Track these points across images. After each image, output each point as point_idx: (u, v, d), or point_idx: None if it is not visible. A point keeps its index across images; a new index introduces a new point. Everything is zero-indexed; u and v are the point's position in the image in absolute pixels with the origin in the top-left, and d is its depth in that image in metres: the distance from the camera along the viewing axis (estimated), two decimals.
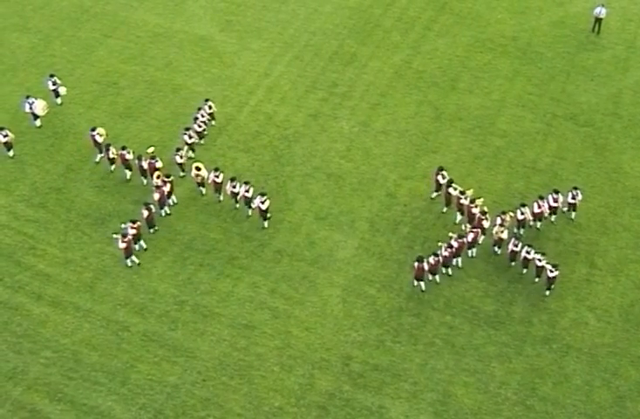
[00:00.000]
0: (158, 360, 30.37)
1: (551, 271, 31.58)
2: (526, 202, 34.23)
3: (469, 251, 33.78)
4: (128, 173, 36.37)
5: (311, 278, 33.19)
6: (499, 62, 43.82)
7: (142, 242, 33.60)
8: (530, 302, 32.44)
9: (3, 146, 37.21)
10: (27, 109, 38.16)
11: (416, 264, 31.74)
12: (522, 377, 30.24)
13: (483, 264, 33.81)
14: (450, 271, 33.09)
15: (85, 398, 29.22)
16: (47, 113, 38.59)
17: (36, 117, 38.55)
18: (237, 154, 38.13)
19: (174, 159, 36.10)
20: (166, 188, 34.65)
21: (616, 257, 34.24)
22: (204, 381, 29.87)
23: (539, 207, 33.87)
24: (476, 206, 33.65)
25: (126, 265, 33.07)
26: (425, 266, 31.70)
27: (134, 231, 32.84)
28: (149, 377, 29.85)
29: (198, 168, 35.15)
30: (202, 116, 37.96)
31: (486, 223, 33.45)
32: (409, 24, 46.16)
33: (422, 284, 32.50)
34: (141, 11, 46.40)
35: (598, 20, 45.05)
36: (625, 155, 38.76)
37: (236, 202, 35.18)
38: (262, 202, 33.77)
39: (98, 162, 37.19)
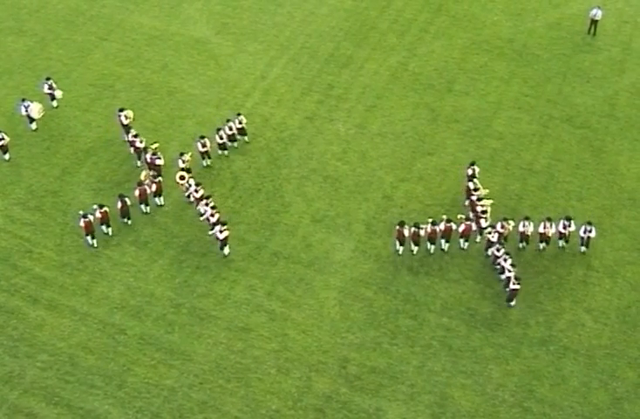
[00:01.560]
0: (154, 363, 30.31)
1: (513, 283, 31.49)
2: (529, 216, 33.95)
3: (460, 242, 33.98)
4: (138, 161, 37.07)
5: (308, 281, 33.15)
6: (495, 64, 43.83)
7: (109, 229, 34.04)
8: (527, 304, 32.42)
9: None
10: (23, 112, 38.11)
11: (397, 227, 32.93)
12: (519, 379, 30.22)
13: (479, 266, 33.79)
14: (432, 249, 33.63)
15: (81, 402, 29.15)
16: (43, 116, 38.51)
17: (32, 120, 38.49)
18: (233, 156, 38.09)
19: (177, 163, 36.01)
20: (153, 189, 34.74)
21: (612, 259, 34.23)
22: (201, 384, 29.81)
23: (544, 227, 33.55)
24: (482, 205, 33.93)
25: (87, 243, 33.61)
26: (406, 232, 32.82)
27: (99, 216, 33.32)
28: (146, 380, 29.79)
29: (182, 178, 35.11)
30: (230, 129, 37.46)
31: (483, 223, 33.66)
32: (405, 26, 46.18)
33: (401, 248, 33.48)
34: (137, 14, 46.37)
35: (594, 22, 45.09)
36: (621, 157, 38.78)
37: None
38: (221, 232, 32.90)
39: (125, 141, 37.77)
